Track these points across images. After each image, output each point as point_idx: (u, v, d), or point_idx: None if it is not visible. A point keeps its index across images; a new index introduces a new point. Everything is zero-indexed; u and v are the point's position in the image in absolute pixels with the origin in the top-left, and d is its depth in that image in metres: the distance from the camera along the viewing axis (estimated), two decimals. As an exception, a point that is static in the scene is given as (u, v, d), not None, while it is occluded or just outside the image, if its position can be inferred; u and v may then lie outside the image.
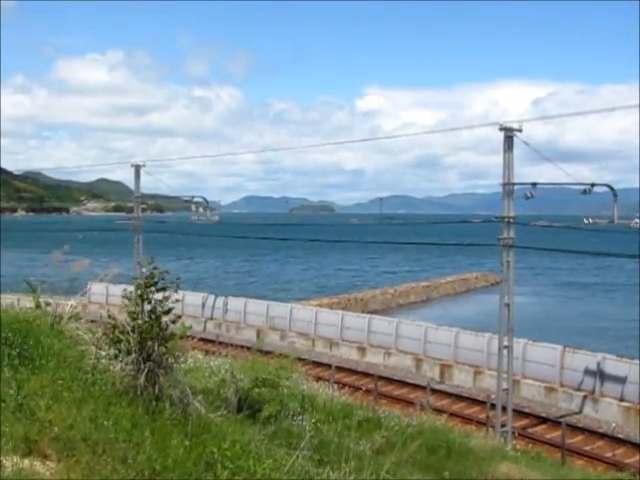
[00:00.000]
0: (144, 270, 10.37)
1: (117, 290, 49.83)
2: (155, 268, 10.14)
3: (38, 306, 11.94)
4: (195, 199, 50.68)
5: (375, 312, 63.40)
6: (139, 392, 9.46)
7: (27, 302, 13.00)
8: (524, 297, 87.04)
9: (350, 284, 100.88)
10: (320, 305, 62.32)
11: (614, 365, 34.39)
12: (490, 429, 29.22)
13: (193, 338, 26.19)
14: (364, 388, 35.89)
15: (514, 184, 28.12)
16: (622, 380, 33.72)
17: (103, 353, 10.37)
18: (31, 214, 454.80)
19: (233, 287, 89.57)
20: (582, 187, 27.68)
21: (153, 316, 9.91)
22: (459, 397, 36.52)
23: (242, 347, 27.20)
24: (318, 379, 31.59)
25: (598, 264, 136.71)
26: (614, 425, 32.43)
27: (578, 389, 35.35)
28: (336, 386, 32.16)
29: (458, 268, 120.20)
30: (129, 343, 9.80)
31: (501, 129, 27.49)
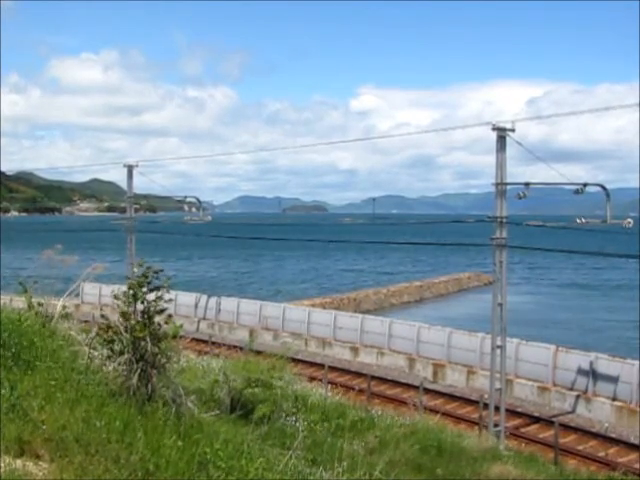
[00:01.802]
0: (135, 270, 10.36)
1: (110, 290, 49.76)
2: (148, 268, 10.14)
3: (30, 306, 11.91)
4: (188, 199, 50.55)
5: (368, 312, 63.46)
6: (132, 392, 9.46)
7: (20, 302, 12.96)
8: (524, 297, 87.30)
9: (356, 286, 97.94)
10: (313, 305, 62.31)
11: (607, 364, 34.47)
12: (483, 429, 29.28)
13: (186, 338, 26.21)
14: (357, 388, 35.92)
15: (507, 184, 28.14)
16: (615, 379, 33.81)
17: (96, 353, 10.36)
18: (24, 214, 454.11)
19: (233, 289, 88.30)
20: (575, 187, 27.70)
21: (146, 316, 9.91)
22: (452, 397, 36.56)
23: (235, 347, 27.24)
24: (311, 379, 31.58)
25: (601, 264, 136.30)
26: (607, 425, 32.51)
27: (571, 389, 35.43)
28: (329, 386, 32.17)
29: (458, 268, 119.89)
30: (122, 343, 9.80)
31: (494, 129, 27.47)
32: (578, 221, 30.01)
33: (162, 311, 10.06)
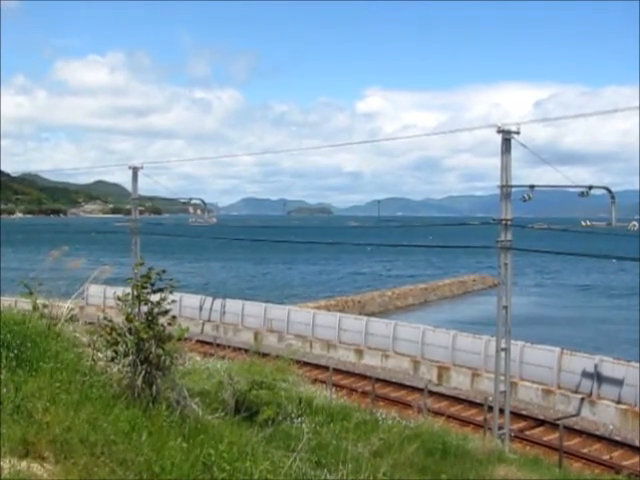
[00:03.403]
0: (136, 272, 10.36)
1: (113, 292, 49.73)
2: (150, 269, 10.13)
3: (35, 308, 11.91)
4: (192, 201, 50.56)
5: (373, 314, 63.43)
6: (136, 394, 9.45)
7: (25, 304, 12.97)
8: (533, 300, 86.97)
9: (370, 289, 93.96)
10: (318, 307, 62.30)
11: (611, 367, 34.41)
12: (488, 431, 29.24)
13: (191, 340, 26.23)
14: (361, 390, 35.91)
15: (512, 186, 28.10)
16: (619, 382, 33.75)
17: (100, 355, 10.36)
18: (29, 216, 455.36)
19: (242, 292, 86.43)
20: (580, 189, 27.65)
21: (150, 317, 9.91)
22: (457, 399, 36.53)
23: (240, 349, 27.23)
24: (316, 381, 31.58)
25: (618, 267, 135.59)
26: (611, 427, 32.45)
27: (575, 391, 35.37)
28: (334, 388, 32.16)
29: (467, 270, 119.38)
30: (126, 345, 9.79)
31: (499, 131, 27.43)
32: (583, 224, 29.96)
33: (166, 312, 10.06)
